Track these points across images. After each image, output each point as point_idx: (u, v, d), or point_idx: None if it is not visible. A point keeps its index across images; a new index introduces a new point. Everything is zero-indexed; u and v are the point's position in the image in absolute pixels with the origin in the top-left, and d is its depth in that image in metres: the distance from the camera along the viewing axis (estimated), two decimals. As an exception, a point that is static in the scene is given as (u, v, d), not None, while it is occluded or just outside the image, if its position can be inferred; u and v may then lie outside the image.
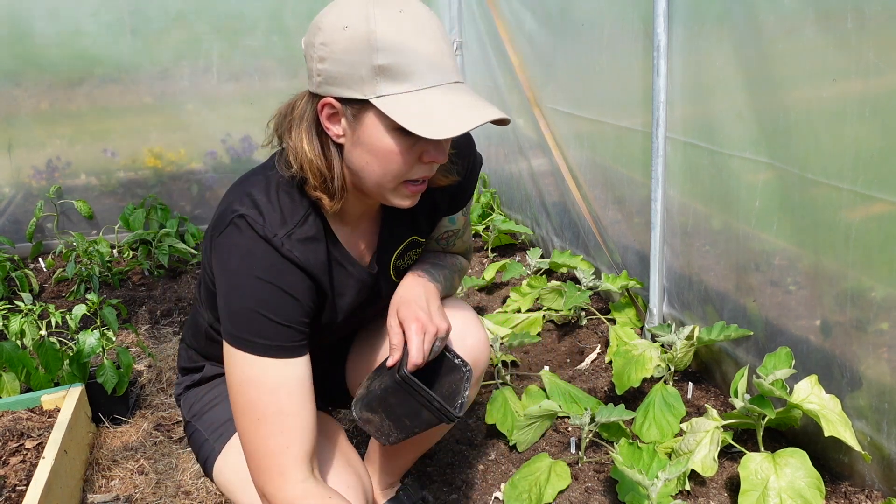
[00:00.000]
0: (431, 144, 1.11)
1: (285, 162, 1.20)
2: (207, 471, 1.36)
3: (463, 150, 1.37)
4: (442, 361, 1.35)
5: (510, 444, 2.05)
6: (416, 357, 1.24)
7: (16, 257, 3.52)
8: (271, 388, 1.13)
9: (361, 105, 1.08)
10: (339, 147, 1.15)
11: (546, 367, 2.47)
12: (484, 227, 3.81)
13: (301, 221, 1.19)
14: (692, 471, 1.83)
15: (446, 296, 1.50)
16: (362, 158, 1.13)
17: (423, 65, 1.06)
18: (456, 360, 1.32)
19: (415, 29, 1.06)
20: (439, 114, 1.05)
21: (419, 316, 1.28)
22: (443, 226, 1.51)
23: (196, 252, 3.59)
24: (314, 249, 1.20)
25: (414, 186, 1.16)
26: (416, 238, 1.43)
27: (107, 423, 2.24)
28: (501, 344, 2.31)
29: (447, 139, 1.12)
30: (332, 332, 1.40)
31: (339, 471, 1.23)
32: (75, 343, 2.17)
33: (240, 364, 1.14)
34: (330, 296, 1.28)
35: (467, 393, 1.27)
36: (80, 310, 2.30)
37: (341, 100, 1.09)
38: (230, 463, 1.31)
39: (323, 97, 1.11)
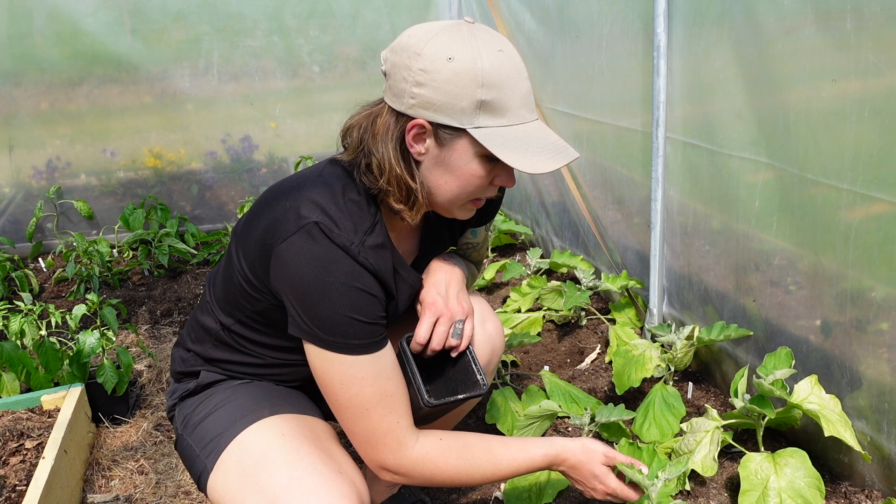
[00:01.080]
0: (505, 171, 1.22)
1: (366, 173, 1.25)
2: (201, 487, 1.34)
3: None
4: (466, 369, 1.36)
5: (510, 444, 2.05)
6: (420, 337, 1.32)
7: (16, 257, 3.52)
8: (372, 381, 1.21)
9: (455, 131, 1.17)
10: (417, 164, 1.23)
11: (546, 367, 2.47)
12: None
13: (370, 229, 1.24)
14: (692, 471, 1.84)
15: None
16: (441, 178, 1.22)
17: (518, 102, 1.17)
18: (478, 377, 1.32)
19: (512, 69, 1.16)
20: (534, 150, 1.15)
21: (435, 300, 1.36)
22: (465, 237, 1.59)
23: (196, 252, 3.59)
24: (383, 256, 1.25)
25: (479, 202, 1.28)
26: (453, 248, 1.54)
27: (107, 423, 2.24)
28: (501, 344, 2.31)
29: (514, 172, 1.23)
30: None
31: (331, 478, 1.22)
32: (75, 343, 2.17)
33: (337, 366, 1.20)
34: (395, 300, 1.33)
35: (460, 397, 1.31)
36: (80, 310, 2.30)
37: (434, 124, 1.17)
38: (222, 480, 1.29)
39: (413, 118, 1.18)
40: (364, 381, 1.21)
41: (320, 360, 1.22)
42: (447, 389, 1.37)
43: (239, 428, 1.32)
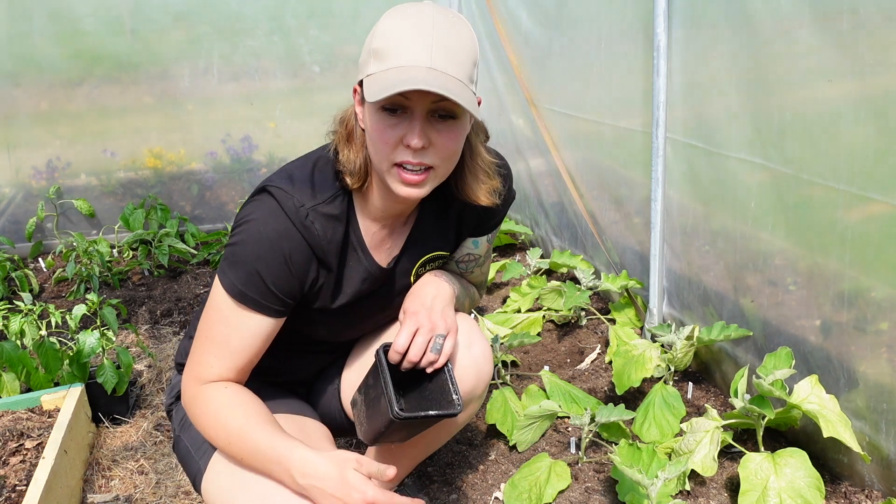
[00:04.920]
0: (408, 128, 1.18)
1: (334, 152, 1.32)
2: (196, 487, 1.35)
3: (506, 179, 1.46)
4: (443, 387, 1.31)
5: (510, 444, 2.06)
6: (399, 345, 1.28)
7: (16, 257, 3.52)
8: (232, 327, 1.26)
9: (362, 86, 1.20)
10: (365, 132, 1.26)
11: (546, 367, 2.47)
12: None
13: (329, 199, 1.28)
14: (692, 471, 1.84)
15: (455, 309, 1.50)
16: (368, 140, 1.24)
17: (404, 48, 1.15)
18: (454, 396, 1.27)
19: (415, 22, 1.16)
20: (390, 83, 1.12)
21: (417, 311, 1.34)
22: (465, 247, 1.55)
23: (196, 252, 3.59)
24: (333, 227, 1.28)
25: (405, 173, 1.21)
26: (442, 253, 1.49)
27: (107, 423, 2.25)
28: (501, 344, 2.31)
29: (423, 128, 1.18)
30: (339, 319, 1.42)
31: None
32: (75, 343, 2.17)
33: (220, 295, 1.27)
34: (334, 274, 1.33)
35: (431, 413, 1.25)
36: (80, 310, 2.30)
37: (359, 84, 1.22)
38: (214, 480, 1.30)
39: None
40: (224, 321, 1.26)
41: (215, 284, 1.28)
42: (420, 406, 1.32)
43: None
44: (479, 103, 1.26)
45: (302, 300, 1.33)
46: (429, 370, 1.31)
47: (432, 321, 1.32)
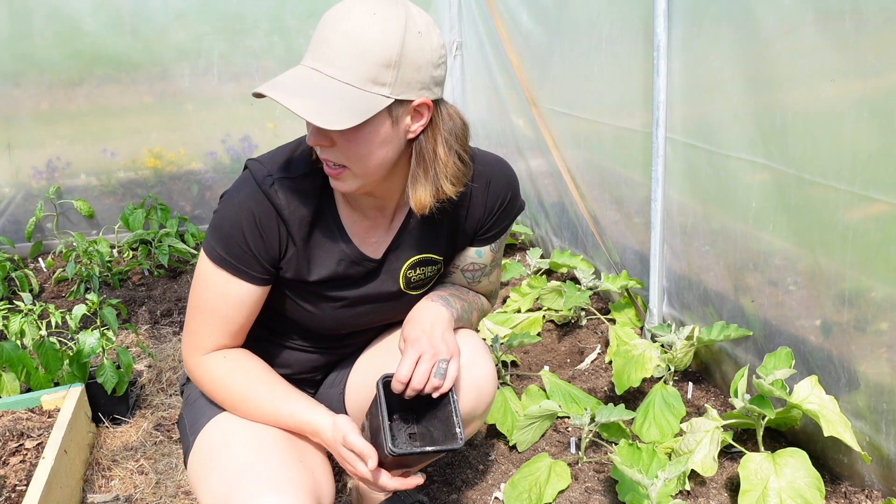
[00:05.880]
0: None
1: None
2: (186, 465, 1.38)
3: (496, 183, 1.43)
4: (448, 417, 1.29)
5: (510, 444, 2.05)
6: (402, 375, 1.25)
7: (16, 257, 3.52)
8: (216, 294, 1.32)
9: None
10: None
11: (546, 367, 2.47)
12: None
13: (301, 177, 1.31)
14: (692, 471, 1.84)
15: (460, 327, 1.48)
16: None
17: (311, 45, 1.19)
18: (457, 429, 1.25)
19: (335, 15, 1.16)
20: (273, 84, 1.18)
21: (418, 337, 1.31)
22: (468, 256, 1.51)
23: (196, 252, 3.59)
24: (300, 201, 1.31)
25: (327, 167, 1.24)
26: (433, 256, 1.45)
27: (107, 423, 2.25)
28: (501, 344, 2.31)
29: (314, 127, 1.19)
30: (322, 304, 1.41)
31: (288, 466, 1.23)
32: (75, 343, 2.17)
33: (203, 261, 1.33)
34: (303, 248, 1.34)
35: (427, 449, 1.23)
36: (80, 310, 2.30)
37: None
38: (196, 459, 1.32)
39: None
40: (208, 288, 1.32)
41: (200, 255, 1.34)
42: (426, 434, 1.31)
43: (218, 410, 1.37)
44: (428, 107, 1.19)
45: (278, 270, 1.36)
46: (434, 395, 1.28)
47: (434, 346, 1.29)
